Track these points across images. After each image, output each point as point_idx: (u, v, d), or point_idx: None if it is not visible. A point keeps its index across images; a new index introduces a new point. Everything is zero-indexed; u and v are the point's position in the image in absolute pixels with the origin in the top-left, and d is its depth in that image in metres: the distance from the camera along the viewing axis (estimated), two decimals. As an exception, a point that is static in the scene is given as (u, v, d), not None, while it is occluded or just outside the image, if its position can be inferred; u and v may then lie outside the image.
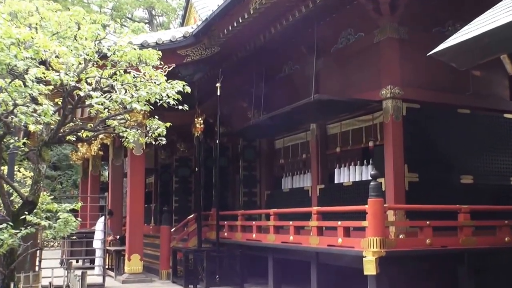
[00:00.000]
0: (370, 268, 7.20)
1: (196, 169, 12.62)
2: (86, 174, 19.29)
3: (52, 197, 9.68)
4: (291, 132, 12.51)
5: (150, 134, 8.42)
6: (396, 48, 9.41)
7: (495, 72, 9.64)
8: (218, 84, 11.59)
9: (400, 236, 8.47)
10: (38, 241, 9.37)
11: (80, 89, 7.01)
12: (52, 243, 24.88)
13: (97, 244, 13.22)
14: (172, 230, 13.04)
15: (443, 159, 9.49)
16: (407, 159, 9.16)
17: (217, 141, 11.76)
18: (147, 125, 8.45)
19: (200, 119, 12.48)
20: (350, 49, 10.36)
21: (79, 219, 7.81)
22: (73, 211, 7.77)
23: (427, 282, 8.82)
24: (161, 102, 7.68)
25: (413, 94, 9.38)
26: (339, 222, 8.24)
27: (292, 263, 10.29)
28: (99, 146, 16.86)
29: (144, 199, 12.64)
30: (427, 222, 7.89)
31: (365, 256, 7.36)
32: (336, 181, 10.73)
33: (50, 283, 7.89)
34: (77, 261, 16.46)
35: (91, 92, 7.01)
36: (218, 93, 11.69)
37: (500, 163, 10.00)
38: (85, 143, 17.73)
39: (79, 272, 8.13)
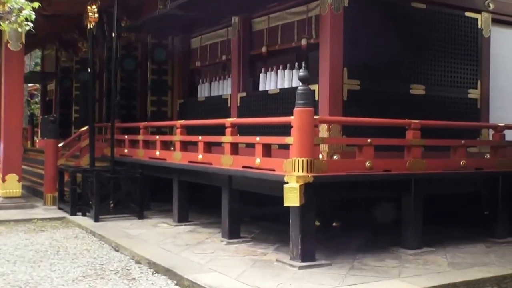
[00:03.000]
0: (292, 198, 5.82)
1: (89, 70, 10.71)
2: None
3: None
4: (210, 29, 10.76)
5: (13, 18, 6.56)
6: None
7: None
8: (115, -39, 9.57)
9: (334, 157, 7.16)
10: None
11: None
12: None
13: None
14: (61, 144, 11.28)
15: (390, 63, 8.11)
16: (347, 61, 7.70)
17: (113, 34, 9.84)
18: (9, 5, 6.53)
19: (94, 7, 10.42)
20: None
21: None
22: None
23: (364, 214, 7.67)
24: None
25: (359, -22, 7.81)
26: (258, 138, 6.77)
27: (203, 188, 8.89)
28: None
29: (22, 105, 10.75)
30: (368, 140, 6.54)
31: (287, 182, 5.97)
32: (261, 89, 9.21)
33: None
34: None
35: None
36: (116, -28, 9.69)
37: (458, 72, 8.72)
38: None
39: None
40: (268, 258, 6.57)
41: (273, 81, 9.05)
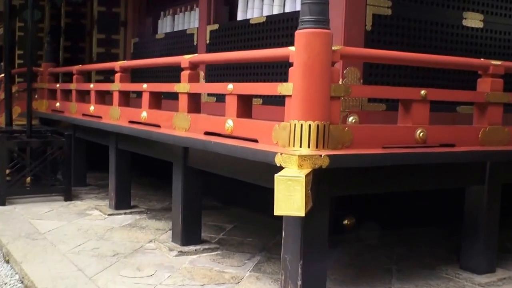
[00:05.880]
0: (290, 200, 2.87)
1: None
2: None
3: None
4: None
5: None
6: None
7: None
8: None
9: (351, 120, 4.23)
10: None
11: None
12: None
13: None
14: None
15: (436, -22, 5.11)
16: (373, -28, 4.68)
17: None
18: None
19: None
20: None
21: None
22: None
23: (386, 207, 4.83)
24: None
25: None
26: (230, 85, 3.79)
27: (152, 160, 5.95)
28: None
29: None
30: (422, 92, 3.60)
31: (280, 167, 3.03)
32: (239, 18, 6.16)
33: None
34: None
35: None
36: None
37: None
38: None
39: None
40: (243, 292, 3.68)
41: (256, 8, 5.96)
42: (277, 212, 2.87)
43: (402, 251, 4.66)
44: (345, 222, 4.92)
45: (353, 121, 4.30)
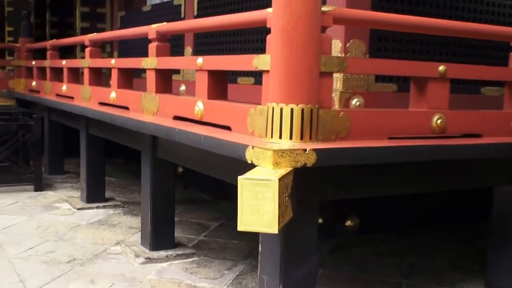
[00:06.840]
0: (260, 212, 2.14)
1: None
2: None
3: None
4: None
5: None
6: None
7: None
8: None
9: (355, 103, 3.51)
10: None
11: None
12: None
13: None
14: None
15: None
16: None
17: None
18: None
19: None
20: None
21: None
22: None
23: (394, 205, 4.10)
24: None
25: None
26: (200, 60, 3.04)
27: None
28: None
29: None
30: (440, 68, 2.83)
31: (252, 164, 2.29)
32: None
33: None
34: None
35: None
36: None
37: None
38: None
39: None
40: (213, 318, 2.97)
41: (250, -26, 5.21)
42: (240, 226, 2.12)
43: (414, 260, 3.91)
44: (348, 223, 4.17)
45: (358, 104, 3.59)
